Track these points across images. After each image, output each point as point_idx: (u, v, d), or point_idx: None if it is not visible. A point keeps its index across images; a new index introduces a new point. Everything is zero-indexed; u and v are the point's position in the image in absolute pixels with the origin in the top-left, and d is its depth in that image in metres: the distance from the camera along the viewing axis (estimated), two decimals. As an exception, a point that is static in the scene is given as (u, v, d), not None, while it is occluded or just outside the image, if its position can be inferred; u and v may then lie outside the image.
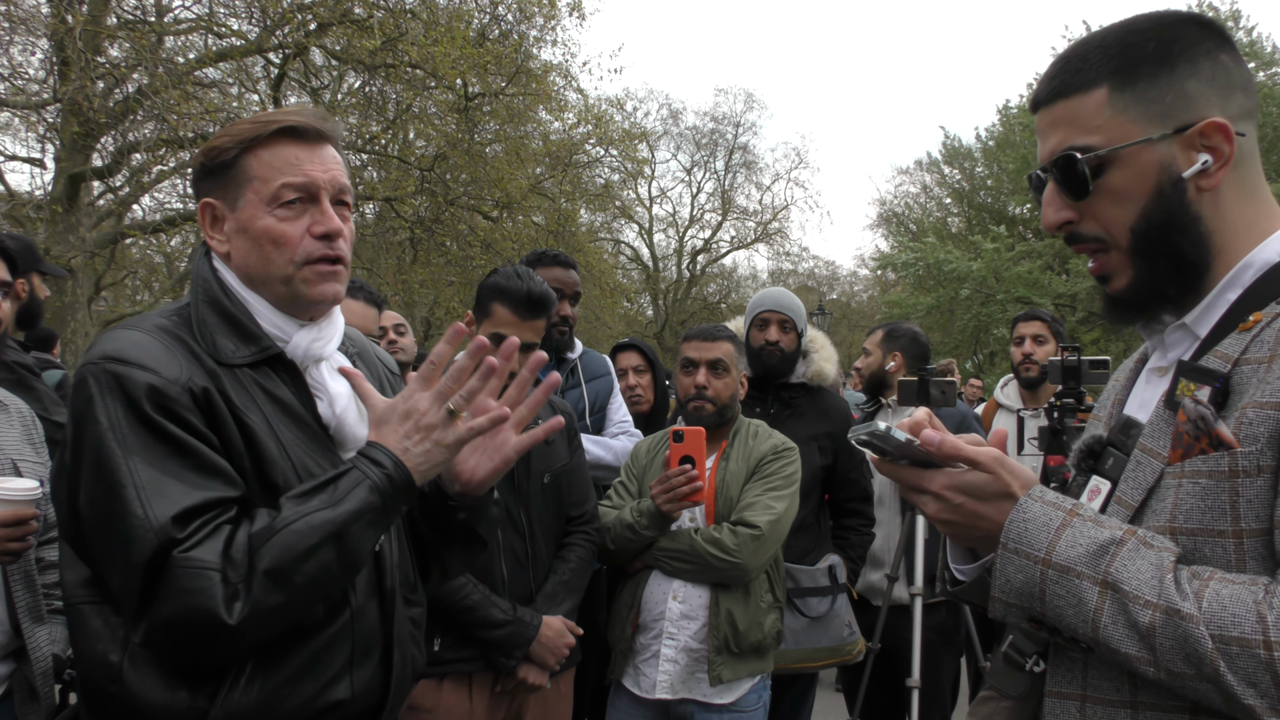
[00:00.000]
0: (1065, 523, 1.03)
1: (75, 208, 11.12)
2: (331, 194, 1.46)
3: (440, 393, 1.37)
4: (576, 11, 14.92)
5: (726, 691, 2.60)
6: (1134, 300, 1.15)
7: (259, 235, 1.43)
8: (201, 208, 1.49)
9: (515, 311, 2.41)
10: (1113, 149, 1.09)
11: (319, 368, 1.52)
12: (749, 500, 2.65)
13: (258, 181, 1.43)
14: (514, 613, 2.36)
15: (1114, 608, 0.98)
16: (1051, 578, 1.02)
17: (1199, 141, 1.08)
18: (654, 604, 2.63)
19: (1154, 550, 0.99)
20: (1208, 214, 1.10)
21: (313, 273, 1.45)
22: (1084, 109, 1.11)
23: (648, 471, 2.80)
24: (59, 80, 10.54)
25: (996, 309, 20.81)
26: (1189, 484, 1.02)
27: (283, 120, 1.45)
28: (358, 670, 1.43)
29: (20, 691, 1.99)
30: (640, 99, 28.87)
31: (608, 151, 19.75)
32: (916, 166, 30.41)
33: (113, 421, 1.28)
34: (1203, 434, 1.01)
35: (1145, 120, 1.09)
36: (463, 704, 2.34)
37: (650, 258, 30.98)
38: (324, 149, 1.48)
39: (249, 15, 11.99)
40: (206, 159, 1.46)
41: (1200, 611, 0.94)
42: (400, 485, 1.34)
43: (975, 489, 1.08)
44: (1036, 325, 4.10)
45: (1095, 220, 1.13)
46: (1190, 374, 1.06)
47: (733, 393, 2.81)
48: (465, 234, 15.32)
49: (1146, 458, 1.08)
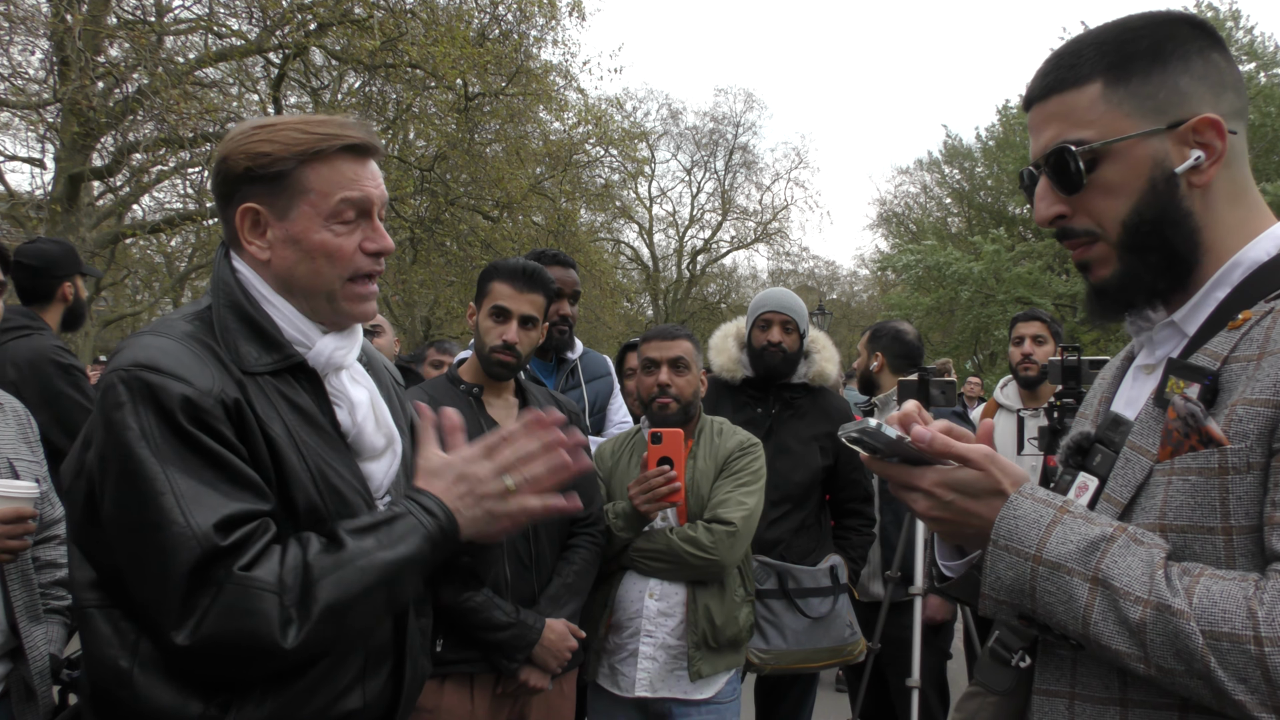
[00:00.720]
0: (1056, 519, 1.03)
1: (75, 208, 11.11)
2: (379, 209, 1.49)
3: (502, 467, 1.41)
4: (576, 11, 14.94)
5: (705, 686, 2.62)
6: (1118, 292, 1.15)
7: (314, 248, 1.43)
8: (241, 212, 1.44)
9: (511, 284, 2.48)
10: (1106, 142, 1.10)
11: (339, 376, 1.51)
12: (721, 497, 2.68)
13: (315, 195, 1.42)
14: (517, 616, 2.35)
15: (1104, 604, 0.98)
16: (1042, 574, 1.02)
17: (1192, 137, 1.09)
18: (629, 603, 2.65)
19: (1144, 547, 1.00)
20: (1198, 210, 1.10)
21: (355, 291, 1.47)
22: (1078, 103, 1.12)
23: (614, 473, 2.80)
24: (59, 80, 10.53)
25: (996, 309, 20.81)
26: (1179, 481, 1.02)
27: (344, 137, 1.44)
28: (370, 680, 1.44)
29: (17, 691, 1.99)
30: (640, 99, 28.97)
31: (607, 151, 19.77)
32: (917, 166, 30.50)
33: (145, 430, 1.26)
34: (1192, 431, 1.02)
35: (1139, 115, 1.10)
36: (464, 704, 2.34)
37: (650, 258, 31.00)
38: (372, 164, 1.49)
39: (249, 15, 11.99)
40: (254, 164, 1.41)
41: (1191, 607, 0.94)
42: (449, 538, 1.37)
43: (966, 486, 1.08)
44: (1036, 326, 4.10)
45: (1087, 214, 1.14)
46: (1180, 371, 1.06)
47: (694, 389, 2.83)
48: (465, 234, 15.33)
49: (1135, 455, 1.09)
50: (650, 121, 28.40)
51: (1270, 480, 0.97)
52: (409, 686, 1.52)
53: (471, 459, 1.41)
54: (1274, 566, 0.95)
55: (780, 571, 3.10)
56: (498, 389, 2.56)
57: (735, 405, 3.41)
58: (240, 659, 1.25)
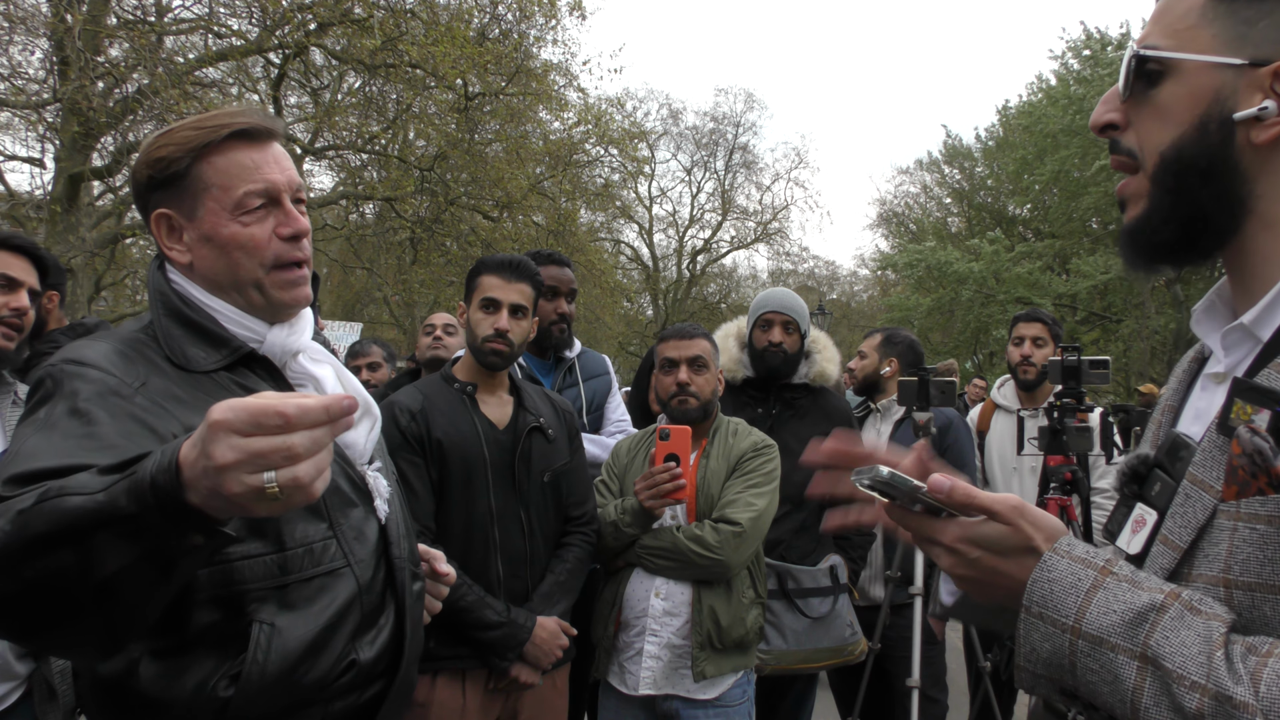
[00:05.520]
0: (1097, 583, 0.89)
1: (75, 208, 11.10)
2: (290, 194, 1.46)
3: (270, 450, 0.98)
4: (576, 11, 14.93)
5: (710, 687, 2.62)
6: (1141, 236, 1.01)
7: (226, 243, 1.42)
8: (155, 219, 1.44)
9: (499, 275, 2.54)
10: (1175, 55, 0.96)
11: (297, 360, 1.51)
12: (730, 497, 2.67)
13: (217, 189, 1.41)
14: (508, 614, 2.37)
15: (1155, 688, 0.83)
16: (1082, 649, 0.88)
17: (1269, 84, 0.92)
18: (636, 601, 2.65)
19: (1201, 618, 0.84)
20: (1252, 173, 0.94)
21: (282, 279, 1.45)
22: (1179, 7, 0.99)
23: (629, 470, 2.82)
24: (59, 80, 10.53)
25: (997, 309, 20.82)
26: (1245, 529, 0.86)
27: (232, 124, 1.42)
28: (370, 635, 1.45)
29: (39, 691, 2.03)
30: (640, 99, 28.94)
31: (607, 151, 19.78)
32: (917, 166, 30.46)
33: (49, 412, 1.22)
34: (1260, 471, 0.85)
35: (1225, 40, 0.94)
36: (456, 699, 2.36)
37: (650, 257, 30.99)
38: (274, 147, 1.46)
39: (249, 15, 11.99)
40: (155, 170, 1.42)
41: (1257, 698, 0.79)
42: (160, 493, 1.00)
43: (992, 542, 0.95)
44: (1037, 327, 4.10)
45: (1136, 133, 1.01)
46: (1246, 394, 0.89)
47: (713, 389, 2.84)
48: (465, 234, 15.33)
49: (1197, 490, 0.92)
50: (650, 121, 28.43)
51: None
52: (411, 642, 1.53)
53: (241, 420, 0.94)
54: None
55: (780, 572, 3.10)
56: (492, 386, 2.56)
57: (736, 405, 3.41)
58: None
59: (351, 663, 1.41)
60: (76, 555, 0.97)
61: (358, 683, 1.44)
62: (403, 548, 1.56)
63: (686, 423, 2.73)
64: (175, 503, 0.96)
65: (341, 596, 1.41)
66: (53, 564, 0.97)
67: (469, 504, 2.41)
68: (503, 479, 2.45)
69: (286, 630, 1.33)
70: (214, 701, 1.28)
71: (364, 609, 1.44)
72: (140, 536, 0.98)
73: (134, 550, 0.98)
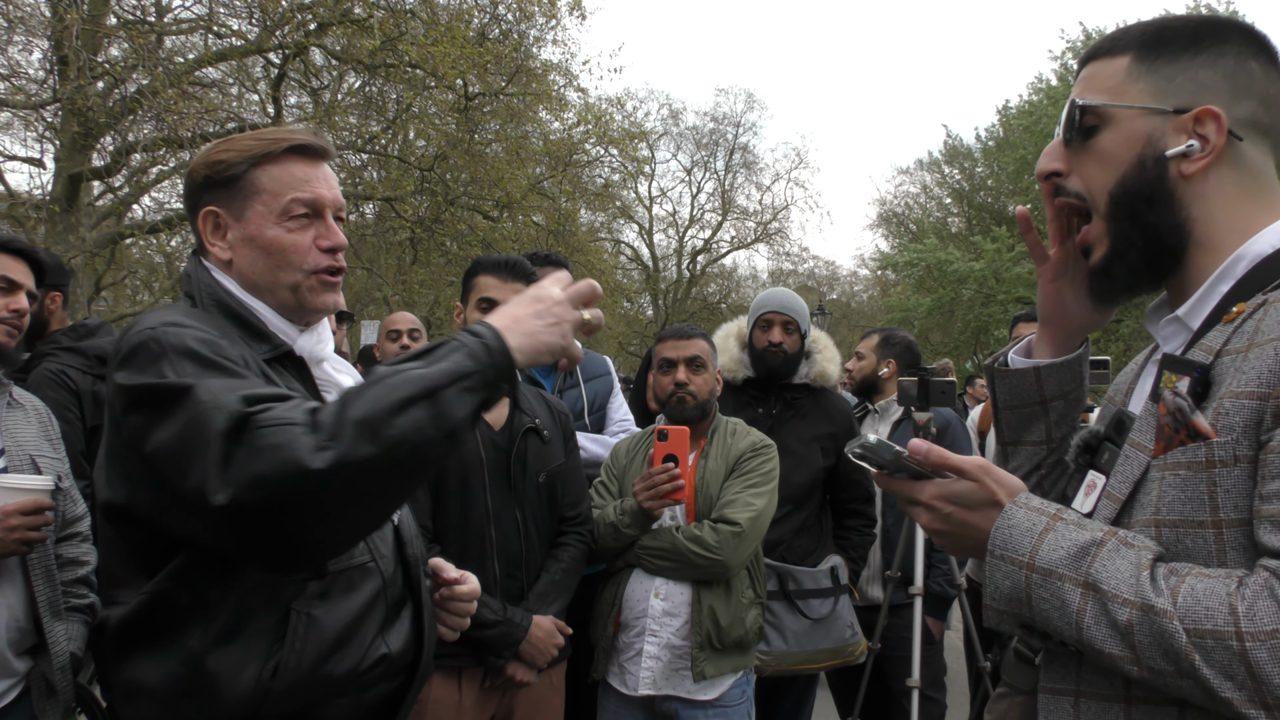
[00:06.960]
0: (1049, 527, 1.05)
1: (75, 208, 11.09)
2: (333, 211, 1.57)
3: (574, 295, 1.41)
4: (576, 11, 14.91)
5: (710, 687, 2.62)
6: (1111, 270, 1.17)
7: (268, 245, 1.51)
8: (203, 215, 1.54)
9: (495, 275, 2.59)
10: (1108, 105, 1.14)
11: (321, 367, 1.61)
12: (729, 497, 2.67)
13: (267, 195, 1.51)
14: (504, 613, 2.39)
15: (1095, 608, 0.99)
16: (1036, 581, 1.04)
17: (1191, 126, 1.11)
18: (636, 602, 2.65)
19: (1133, 549, 1.01)
20: (1187, 200, 1.12)
21: (318, 282, 1.55)
22: (1106, 71, 1.17)
23: (628, 471, 2.83)
24: (58, 80, 10.52)
25: (997, 309, 20.82)
26: (1170, 476, 1.03)
27: (291, 139, 1.54)
28: (394, 627, 1.52)
29: (38, 688, 2.05)
30: (640, 99, 28.90)
31: (607, 151, 19.77)
32: (917, 166, 30.49)
33: (175, 366, 1.30)
34: (1181, 425, 1.03)
35: (1150, 93, 1.13)
36: (452, 696, 2.37)
37: (650, 258, 31.01)
38: (325, 167, 1.58)
39: (249, 15, 11.97)
40: (212, 171, 1.52)
41: (1175, 607, 0.95)
42: (497, 356, 1.29)
43: (963, 498, 1.11)
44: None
45: (1080, 177, 1.18)
46: (1171, 366, 1.08)
47: (711, 389, 2.84)
48: (465, 234, 15.32)
49: (1134, 451, 1.10)
50: (650, 121, 28.44)
51: (1259, 473, 0.97)
52: (429, 635, 1.60)
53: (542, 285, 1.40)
54: (1261, 562, 0.95)
55: (781, 573, 3.10)
56: None
57: (736, 405, 3.41)
58: (275, 501, 1.17)
59: (384, 655, 1.48)
60: (431, 410, 1.20)
61: (388, 674, 1.51)
62: (415, 546, 1.64)
63: (684, 423, 2.73)
64: (507, 356, 1.28)
65: (368, 590, 1.48)
66: (411, 419, 1.19)
67: (466, 504, 2.42)
68: (499, 479, 2.46)
69: (322, 619, 1.40)
70: (262, 692, 1.34)
71: (388, 602, 1.51)
72: (477, 390, 1.25)
73: (474, 401, 1.25)
